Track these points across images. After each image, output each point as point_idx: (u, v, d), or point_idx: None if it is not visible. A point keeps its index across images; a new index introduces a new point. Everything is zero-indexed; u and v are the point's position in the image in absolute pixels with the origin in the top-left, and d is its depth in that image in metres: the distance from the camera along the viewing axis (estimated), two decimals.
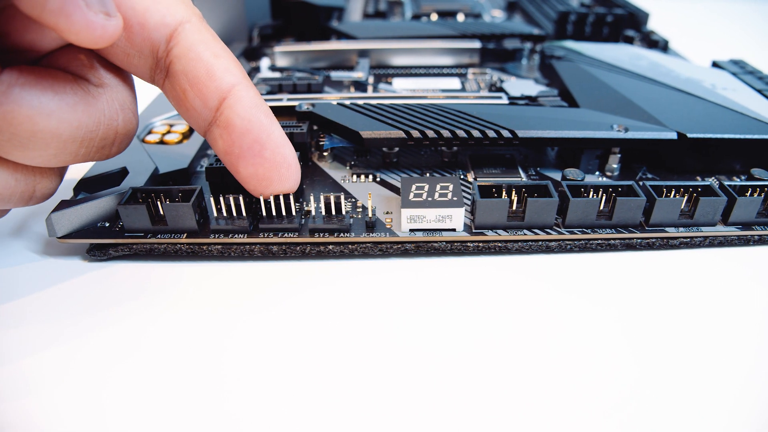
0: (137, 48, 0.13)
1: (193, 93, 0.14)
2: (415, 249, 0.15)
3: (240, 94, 0.14)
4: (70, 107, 0.13)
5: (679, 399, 0.11)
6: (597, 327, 0.13)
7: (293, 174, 0.15)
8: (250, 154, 0.14)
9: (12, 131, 0.12)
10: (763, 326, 0.13)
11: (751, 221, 0.16)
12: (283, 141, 0.14)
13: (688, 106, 0.19)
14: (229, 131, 0.14)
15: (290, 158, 0.14)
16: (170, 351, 0.13)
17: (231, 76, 0.14)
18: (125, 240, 0.15)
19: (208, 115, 0.14)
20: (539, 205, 0.15)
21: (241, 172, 0.14)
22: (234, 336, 0.13)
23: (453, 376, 0.12)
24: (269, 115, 0.14)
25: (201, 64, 0.13)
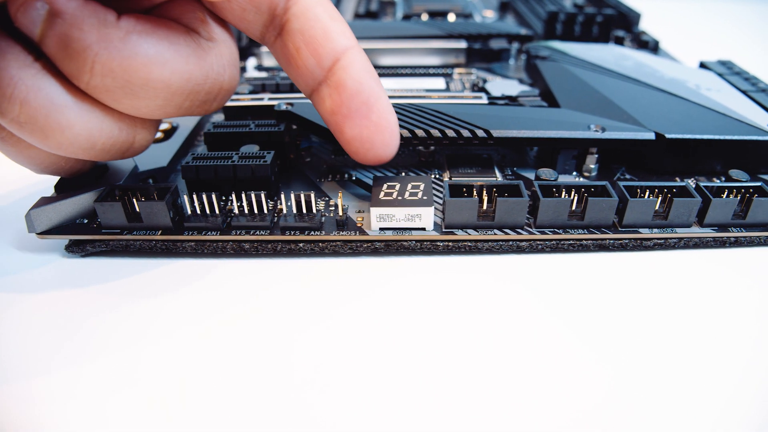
0: (256, 4, 0.13)
1: (307, 52, 0.14)
2: (385, 248, 0.15)
3: (354, 56, 0.14)
4: (183, 58, 0.13)
5: (650, 402, 0.11)
6: (566, 328, 0.13)
7: (394, 140, 0.15)
8: (357, 115, 0.14)
9: (127, 78, 0.12)
10: (738, 328, 0.13)
11: (727, 223, 0.16)
12: (389, 107, 0.14)
13: (669, 107, 0.19)
14: (339, 91, 0.14)
15: (393, 124, 0.15)
16: (145, 346, 0.13)
17: (345, 39, 0.14)
18: (102, 236, 0.16)
19: (320, 74, 0.14)
20: (509, 204, 0.15)
21: (346, 132, 0.14)
22: (206, 331, 0.13)
23: (417, 376, 0.12)
24: (378, 81, 0.14)
25: (319, 24, 0.14)
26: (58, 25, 0.11)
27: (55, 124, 0.12)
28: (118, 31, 0.12)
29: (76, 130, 0.13)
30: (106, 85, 0.12)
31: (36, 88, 0.12)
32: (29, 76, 0.12)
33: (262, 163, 0.16)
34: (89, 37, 0.11)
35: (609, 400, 0.11)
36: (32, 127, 0.12)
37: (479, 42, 0.25)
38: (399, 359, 0.12)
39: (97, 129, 0.13)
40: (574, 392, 0.12)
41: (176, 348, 0.13)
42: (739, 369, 0.12)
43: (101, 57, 0.12)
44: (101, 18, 0.12)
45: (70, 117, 0.12)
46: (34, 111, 0.12)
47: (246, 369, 0.12)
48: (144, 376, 0.12)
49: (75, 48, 0.12)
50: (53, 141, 0.13)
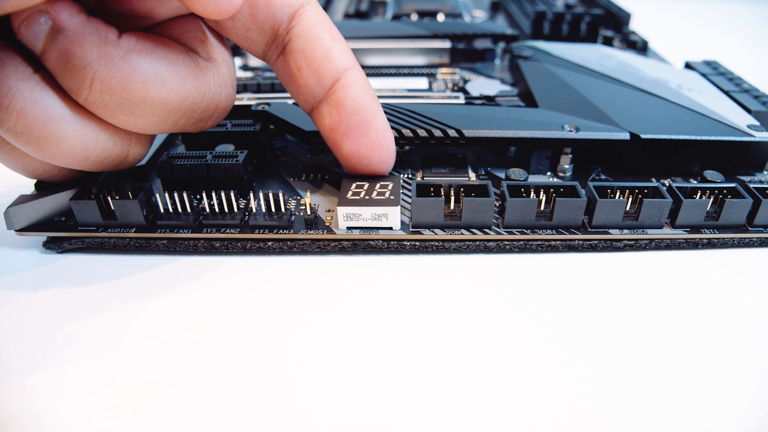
0: (259, 23, 0.14)
1: (308, 71, 0.14)
2: (353, 247, 0.15)
3: (353, 76, 0.14)
4: (181, 78, 0.13)
5: (616, 405, 0.11)
6: (532, 329, 0.13)
7: (391, 157, 0.15)
8: (356, 133, 0.14)
9: (124, 95, 0.12)
10: (709, 329, 0.13)
11: (699, 224, 0.16)
12: (385, 125, 0.15)
13: (648, 107, 0.19)
14: (338, 110, 0.14)
15: (390, 141, 0.15)
16: (121, 343, 0.13)
17: (346, 59, 0.14)
18: (78, 234, 0.16)
19: (320, 93, 0.14)
20: (475, 204, 0.15)
21: (344, 149, 0.15)
22: (180, 326, 0.13)
23: (384, 376, 0.12)
24: (375, 100, 0.15)
25: (320, 44, 0.14)
26: (60, 41, 0.12)
27: (51, 136, 0.13)
28: (118, 50, 0.12)
29: (71, 143, 0.13)
30: (104, 102, 0.12)
31: (33, 99, 0.12)
32: (27, 87, 0.12)
33: (234, 162, 0.16)
34: (90, 54, 0.12)
35: (575, 403, 0.11)
36: (28, 138, 0.13)
37: (463, 42, 0.25)
38: (365, 359, 0.12)
39: (92, 142, 0.13)
40: (540, 394, 0.12)
41: (151, 344, 0.13)
42: (709, 372, 0.12)
43: (101, 74, 0.12)
44: (102, 36, 0.12)
45: (66, 129, 0.13)
46: (30, 122, 0.12)
47: (217, 365, 0.12)
48: (121, 371, 0.12)
49: (75, 64, 0.12)
50: (48, 152, 0.13)
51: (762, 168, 0.18)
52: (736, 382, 0.12)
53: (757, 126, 0.18)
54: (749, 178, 0.18)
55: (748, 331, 0.13)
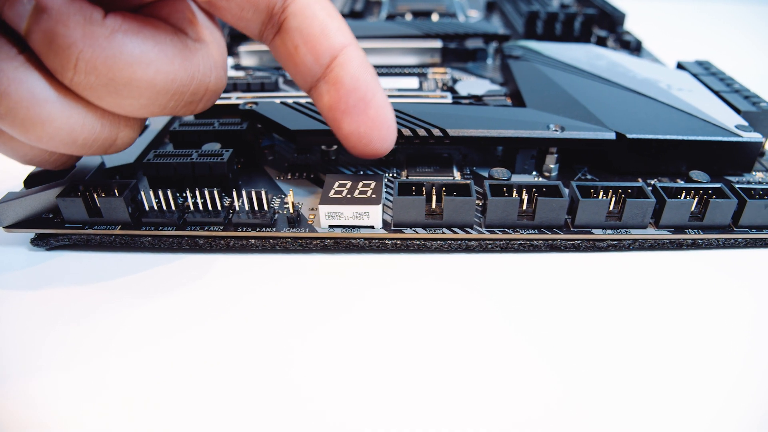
0: (254, 3, 0.13)
1: (305, 49, 0.14)
2: (334, 245, 0.15)
3: (351, 53, 0.14)
4: (168, 59, 0.13)
5: (597, 404, 0.11)
6: (512, 328, 0.13)
7: (391, 135, 0.15)
8: (355, 111, 0.14)
9: (110, 77, 0.12)
10: (691, 330, 0.13)
11: (683, 225, 0.16)
12: (385, 102, 0.15)
13: (636, 107, 0.19)
14: (337, 87, 0.14)
15: (390, 120, 0.15)
16: (111, 341, 0.13)
17: (343, 36, 0.14)
18: (64, 231, 0.16)
19: (318, 71, 0.14)
20: (456, 203, 0.15)
21: (344, 128, 0.15)
22: (161, 324, 0.13)
23: (362, 374, 0.12)
24: (375, 77, 0.15)
25: (316, 22, 0.14)
26: (44, 21, 0.11)
27: (36, 118, 0.12)
28: (103, 29, 0.12)
29: (57, 125, 0.13)
30: (90, 83, 0.12)
31: (18, 80, 0.12)
32: (12, 68, 0.12)
33: (219, 161, 0.17)
34: (74, 33, 0.12)
35: (554, 403, 0.11)
36: (12, 120, 0.12)
37: (455, 42, 0.25)
38: (345, 357, 0.12)
39: (79, 125, 0.13)
40: (520, 394, 0.11)
41: (141, 341, 0.13)
42: (692, 373, 0.12)
43: (85, 54, 0.12)
44: (87, 15, 0.12)
45: (51, 111, 0.12)
46: (14, 103, 0.12)
47: (205, 361, 0.12)
48: (110, 369, 0.12)
49: (59, 44, 0.12)
50: (33, 134, 0.13)
51: (750, 168, 0.18)
52: (718, 384, 0.12)
53: (745, 126, 0.18)
54: (737, 178, 0.18)
55: (732, 332, 0.13)
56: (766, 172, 0.19)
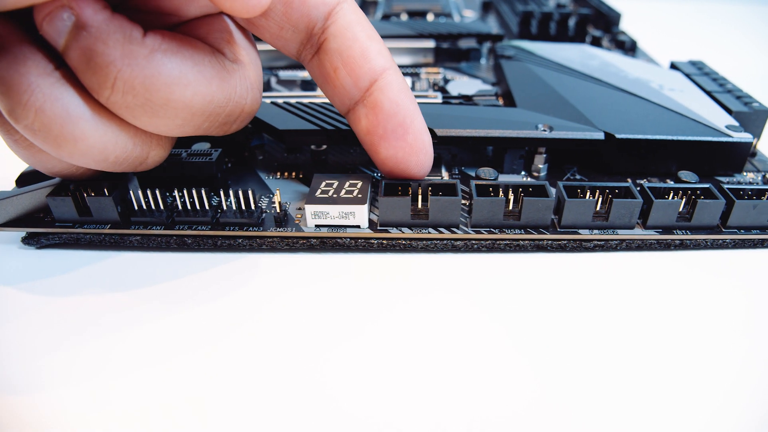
0: (293, 23, 0.13)
1: (345, 71, 0.14)
2: (321, 244, 0.15)
3: (391, 77, 0.14)
4: (206, 80, 0.13)
5: (576, 405, 0.11)
6: (499, 328, 0.13)
7: (428, 160, 0.15)
8: (393, 136, 0.14)
9: (147, 97, 0.12)
10: (678, 332, 0.13)
11: (671, 225, 0.16)
12: (423, 128, 0.14)
13: (626, 107, 0.19)
14: (376, 112, 0.14)
15: (428, 145, 0.15)
16: (96, 337, 0.13)
17: (383, 59, 0.14)
18: (54, 230, 0.16)
19: (357, 94, 0.14)
20: (442, 203, 0.15)
21: (381, 153, 0.14)
22: (150, 322, 0.13)
23: (343, 375, 0.12)
24: (414, 102, 0.14)
25: (357, 44, 0.14)
26: (83, 38, 0.11)
27: (69, 135, 0.12)
28: (142, 49, 0.12)
29: (90, 143, 0.13)
30: (127, 102, 0.12)
31: (53, 97, 0.12)
32: (47, 84, 0.12)
33: (208, 160, 0.17)
34: (113, 52, 0.11)
35: (537, 403, 0.11)
36: (45, 136, 0.12)
37: (448, 42, 0.25)
38: (328, 356, 0.12)
39: (111, 143, 0.13)
40: (503, 394, 0.11)
41: (130, 338, 0.13)
42: (678, 375, 0.12)
43: (124, 74, 0.12)
44: (127, 34, 0.12)
45: (85, 129, 0.12)
46: (48, 120, 0.12)
47: (183, 359, 0.12)
48: (98, 365, 0.12)
49: (98, 62, 0.11)
50: (66, 151, 0.13)
51: (741, 169, 0.18)
52: (704, 386, 0.12)
53: (735, 126, 0.18)
54: (728, 179, 0.18)
55: (720, 333, 0.13)
56: (757, 173, 0.19)
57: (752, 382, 0.12)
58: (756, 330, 0.13)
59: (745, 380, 0.12)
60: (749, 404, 0.11)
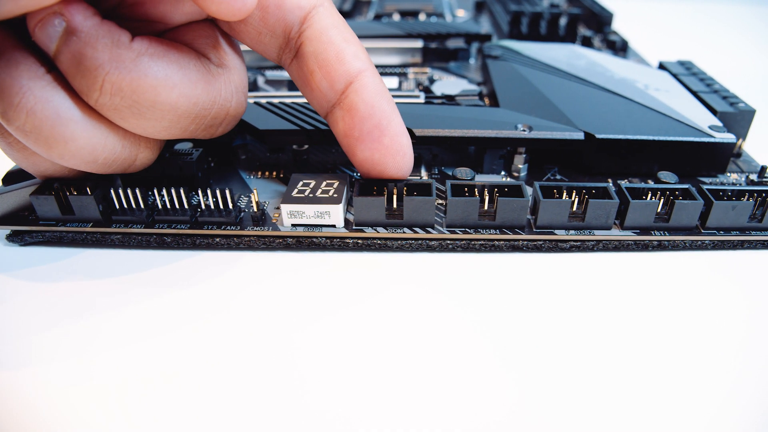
0: (270, 27, 0.14)
1: (320, 75, 0.14)
2: (297, 243, 0.15)
3: (366, 80, 0.14)
4: (191, 83, 0.13)
5: (549, 406, 0.11)
6: (472, 327, 0.13)
7: (407, 162, 0.15)
8: (369, 138, 0.14)
9: (134, 98, 0.12)
10: (655, 333, 0.13)
11: (649, 226, 0.15)
12: (401, 130, 0.14)
13: (609, 107, 0.19)
14: (351, 114, 0.14)
15: (406, 147, 0.15)
16: (79, 333, 0.13)
17: (359, 61, 0.14)
18: (37, 228, 0.16)
19: (333, 97, 0.14)
20: (416, 203, 0.15)
21: (357, 155, 0.14)
22: (132, 319, 0.14)
23: (315, 374, 0.12)
24: (391, 103, 0.14)
25: (332, 47, 0.14)
26: (73, 43, 0.12)
27: (59, 136, 0.13)
28: (130, 53, 0.12)
29: (79, 144, 0.13)
30: (115, 104, 0.12)
31: (44, 99, 0.12)
32: (39, 87, 0.12)
33: (188, 160, 0.17)
34: (102, 56, 0.12)
35: (510, 403, 0.11)
36: (37, 137, 0.13)
37: (436, 41, 0.25)
38: (302, 357, 0.13)
39: (100, 144, 0.13)
40: (476, 394, 0.11)
41: (106, 334, 0.13)
42: (653, 377, 0.12)
43: (111, 76, 0.12)
44: (115, 39, 0.12)
45: (74, 130, 0.13)
46: (39, 121, 0.12)
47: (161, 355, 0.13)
48: (74, 360, 0.12)
49: (87, 66, 0.12)
50: (56, 152, 0.13)
51: (724, 169, 0.18)
52: (680, 387, 0.12)
53: (718, 127, 0.18)
54: (710, 179, 0.18)
55: (699, 334, 0.13)
56: (741, 174, 0.18)
57: (728, 385, 0.12)
58: (734, 331, 0.13)
59: (722, 383, 0.12)
60: (723, 405, 0.11)
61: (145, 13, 0.13)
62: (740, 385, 0.12)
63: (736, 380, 0.12)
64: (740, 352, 0.12)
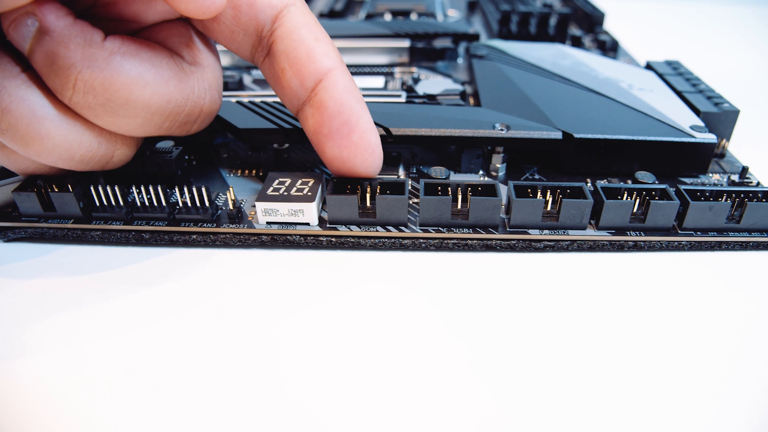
0: (243, 26, 0.14)
1: (291, 72, 0.14)
2: (272, 241, 0.16)
3: (336, 78, 0.14)
4: (164, 81, 0.13)
5: (521, 407, 0.11)
6: (442, 328, 0.13)
7: (376, 160, 0.15)
8: (338, 135, 0.14)
9: (107, 97, 0.13)
10: (630, 333, 0.13)
11: (624, 226, 0.15)
12: (370, 127, 0.15)
13: (591, 107, 0.19)
14: (321, 112, 0.14)
15: (375, 144, 0.15)
16: (59, 329, 0.13)
17: (329, 60, 0.14)
18: (20, 224, 0.17)
19: (303, 94, 0.14)
20: (388, 202, 0.15)
21: (326, 152, 0.15)
22: (112, 314, 0.14)
23: (285, 373, 0.12)
24: (360, 101, 0.15)
25: (302, 45, 0.14)
26: (46, 42, 0.12)
27: (35, 134, 0.13)
28: (102, 51, 0.12)
29: (55, 141, 0.13)
30: (88, 102, 0.13)
31: (19, 98, 0.13)
32: (14, 86, 0.12)
33: (167, 158, 0.17)
34: (74, 55, 0.12)
35: (480, 405, 0.11)
36: (13, 135, 0.13)
37: (423, 41, 0.25)
38: (274, 355, 0.13)
39: (76, 142, 0.14)
40: (445, 394, 0.11)
41: (86, 330, 0.13)
42: (624, 379, 0.12)
43: (84, 75, 0.12)
44: (87, 38, 0.12)
45: (50, 128, 0.13)
46: (15, 120, 0.13)
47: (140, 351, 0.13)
48: (53, 356, 0.13)
49: (60, 65, 0.12)
50: (33, 149, 0.13)
51: (706, 170, 0.18)
52: (652, 391, 0.12)
53: (700, 127, 0.18)
54: (691, 180, 0.18)
55: (674, 335, 0.13)
56: (723, 174, 0.18)
57: (708, 388, 0.12)
58: (710, 333, 0.13)
59: (693, 385, 0.12)
60: (693, 407, 0.11)
61: (118, 13, 0.14)
62: (713, 386, 0.12)
63: (709, 382, 0.12)
64: (716, 354, 0.12)
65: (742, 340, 0.13)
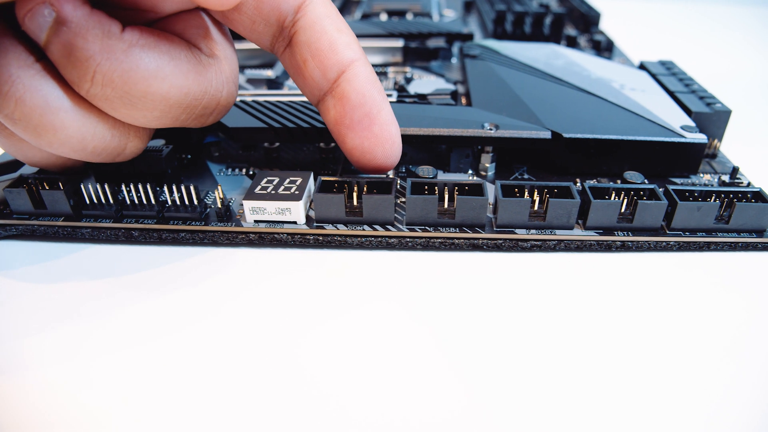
0: (264, 16, 0.14)
1: (313, 63, 0.14)
2: (259, 239, 0.16)
3: (358, 69, 0.14)
4: (182, 73, 0.13)
5: (499, 408, 0.11)
6: (425, 327, 0.13)
7: (396, 151, 0.15)
8: (359, 126, 0.14)
9: (126, 89, 0.12)
10: (617, 334, 0.13)
11: (612, 226, 0.15)
12: (391, 119, 0.15)
13: (581, 106, 0.19)
14: (343, 103, 0.14)
15: (395, 136, 0.15)
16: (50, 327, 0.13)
17: (351, 51, 0.14)
18: (10, 221, 0.17)
19: (325, 85, 0.14)
20: (375, 201, 0.15)
21: (347, 143, 0.15)
22: (102, 310, 0.14)
23: (268, 373, 0.12)
24: (382, 93, 0.15)
25: (325, 36, 0.14)
26: (63, 33, 0.12)
27: (49, 125, 0.13)
28: (121, 43, 0.12)
29: (68, 132, 0.13)
30: (106, 95, 0.12)
31: (33, 88, 0.12)
32: (28, 76, 0.12)
33: (157, 157, 0.17)
34: (92, 47, 0.12)
35: (464, 404, 0.11)
36: (26, 125, 0.13)
37: (417, 41, 0.25)
38: (257, 352, 0.13)
39: (90, 133, 0.13)
40: (429, 393, 0.11)
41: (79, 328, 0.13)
42: (612, 381, 0.12)
43: (102, 67, 0.12)
44: (105, 29, 0.12)
45: (64, 119, 0.13)
46: (28, 110, 0.12)
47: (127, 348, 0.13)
48: (45, 354, 0.13)
49: (78, 56, 0.12)
50: (45, 140, 0.13)
51: (696, 170, 0.18)
52: (638, 392, 0.12)
53: (690, 127, 0.18)
54: (682, 180, 0.18)
55: (661, 336, 0.13)
56: (714, 174, 0.18)
57: (696, 389, 0.11)
58: (698, 334, 0.13)
59: (680, 386, 0.12)
60: (681, 407, 0.11)
61: (135, 3, 0.13)
62: (701, 387, 0.12)
63: (697, 383, 0.12)
64: (704, 355, 0.12)
65: (731, 341, 0.13)
